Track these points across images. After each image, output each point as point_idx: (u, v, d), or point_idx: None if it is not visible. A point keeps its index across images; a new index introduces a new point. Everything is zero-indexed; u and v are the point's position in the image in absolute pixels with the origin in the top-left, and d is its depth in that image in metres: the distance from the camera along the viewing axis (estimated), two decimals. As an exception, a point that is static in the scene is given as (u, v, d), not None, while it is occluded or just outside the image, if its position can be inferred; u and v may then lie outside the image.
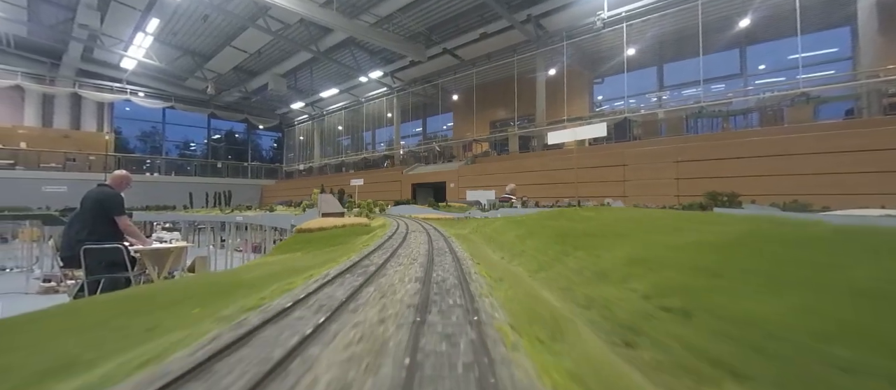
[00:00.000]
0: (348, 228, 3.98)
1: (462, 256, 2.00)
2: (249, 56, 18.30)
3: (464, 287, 1.24)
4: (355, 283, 1.31)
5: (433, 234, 3.15)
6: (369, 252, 2.14)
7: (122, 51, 17.05)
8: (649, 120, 12.07)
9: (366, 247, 2.47)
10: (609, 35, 13.11)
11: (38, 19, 14.79)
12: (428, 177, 16.85)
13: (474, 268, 1.64)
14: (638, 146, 11.05)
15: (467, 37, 15.02)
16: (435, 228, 3.79)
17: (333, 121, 25.48)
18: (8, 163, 16.28)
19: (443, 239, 2.81)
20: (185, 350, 0.76)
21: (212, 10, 13.83)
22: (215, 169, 25.85)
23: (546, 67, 14.71)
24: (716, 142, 9.71)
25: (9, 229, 12.33)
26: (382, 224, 4.39)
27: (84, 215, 4.18)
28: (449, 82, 18.70)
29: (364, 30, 13.89)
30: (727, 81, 14.63)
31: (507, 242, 2.53)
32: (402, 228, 3.64)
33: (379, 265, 1.68)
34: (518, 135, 15.42)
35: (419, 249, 2.25)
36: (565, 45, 13.49)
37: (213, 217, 8.02)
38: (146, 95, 21.58)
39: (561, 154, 12.86)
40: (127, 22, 14.94)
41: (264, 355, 0.72)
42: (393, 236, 2.99)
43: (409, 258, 1.94)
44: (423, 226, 4.12)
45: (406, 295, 1.17)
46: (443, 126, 22.88)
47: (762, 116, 11.01)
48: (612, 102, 16.92)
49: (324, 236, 3.46)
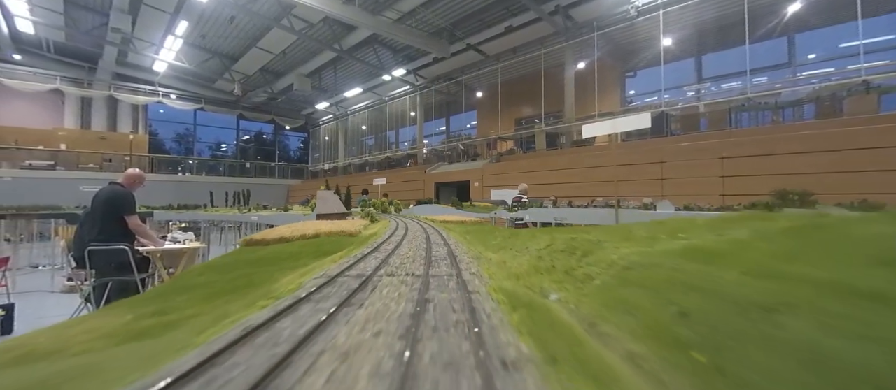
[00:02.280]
0: (322, 238, 3.09)
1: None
2: (275, 57, 18.45)
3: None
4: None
5: (439, 257, 1.99)
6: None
7: (154, 54, 17.51)
8: (688, 114, 11.27)
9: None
10: (643, 24, 12.37)
11: (74, 25, 15.32)
12: (451, 176, 16.49)
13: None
14: (677, 141, 10.32)
15: (492, 31, 14.56)
16: (445, 239, 2.76)
17: (357, 121, 25.58)
18: (49, 164, 16.99)
19: (454, 273, 1.58)
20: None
21: (237, 11, 13.94)
22: (244, 169, 26.42)
23: (575, 61, 14.05)
24: (765, 137, 8.91)
25: (50, 227, 12.76)
26: (373, 233, 3.49)
27: (94, 214, 4.02)
28: (473, 79, 18.28)
29: (387, 26, 13.66)
30: (772, 72, 13.58)
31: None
32: (395, 239, 2.80)
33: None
34: (545, 131, 14.81)
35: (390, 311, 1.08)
36: (596, 37, 12.82)
37: (231, 216, 7.94)
38: (178, 97, 22.17)
39: (591, 151, 12.25)
40: (157, 25, 15.27)
41: None
42: (362, 260, 1.95)
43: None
44: (429, 234, 3.15)
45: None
46: (466, 124, 22.50)
47: (818, 108, 10.05)
48: (643, 97, 16.09)
49: (266, 256, 2.49)
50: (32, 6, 13.17)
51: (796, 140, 8.19)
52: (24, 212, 8.66)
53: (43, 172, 15.43)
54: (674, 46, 12.76)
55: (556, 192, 10.87)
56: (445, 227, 4.07)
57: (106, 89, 19.47)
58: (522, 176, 11.84)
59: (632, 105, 15.80)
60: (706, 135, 10.47)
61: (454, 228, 4.02)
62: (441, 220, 4.98)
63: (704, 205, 4.13)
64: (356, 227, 3.64)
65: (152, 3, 13.86)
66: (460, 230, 3.82)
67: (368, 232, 3.62)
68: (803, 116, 10.63)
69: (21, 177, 15.20)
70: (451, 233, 3.47)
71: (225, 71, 20.18)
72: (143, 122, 22.70)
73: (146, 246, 4.19)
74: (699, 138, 10.13)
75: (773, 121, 10.57)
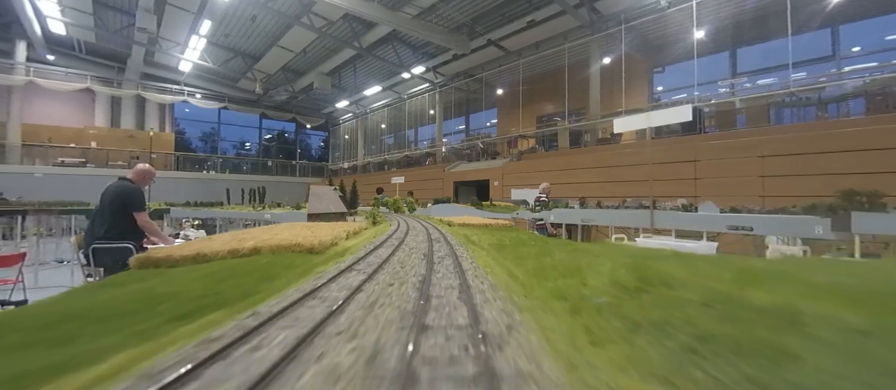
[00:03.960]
0: (260, 257, 2.06)
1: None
2: (296, 55, 18.54)
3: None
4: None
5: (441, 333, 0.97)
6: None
7: (179, 53, 17.84)
8: (724, 110, 10.62)
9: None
10: (674, 16, 11.76)
11: (104, 25, 15.72)
12: (470, 175, 16.19)
13: None
14: (712, 139, 9.73)
15: (513, 26, 14.16)
16: (458, 262, 1.88)
17: (376, 120, 25.60)
18: (80, 161, 17.52)
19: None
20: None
21: (259, 10, 13.98)
22: (266, 167, 26.80)
23: (600, 56, 13.52)
24: (810, 134, 8.26)
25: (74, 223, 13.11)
26: (348, 247, 2.48)
27: (103, 211, 3.91)
28: (493, 75, 17.90)
29: (406, 22, 13.45)
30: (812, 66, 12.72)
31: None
32: (374, 260, 1.97)
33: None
34: (568, 129, 14.31)
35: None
36: (623, 30, 12.27)
37: (244, 214, 7.88)
38: (202, 97, 22.59)
39: (617, 149, 11.74)
40: (182, 24, 15.51)
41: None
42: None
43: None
44: (433, 250, 2.26)
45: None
46: (486, 123, 22.15)
47: (868, 103, 9.29)
48: (672, 93, 15.38)
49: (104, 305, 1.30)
50: (63, 7, 13.53)
51: (847, 137, 7.54)
52: (44, 208, 8.82)
53: (72, 169, 15.91)
54: (707, 39, 12.10)
55: (580, 192, 10.42)
56: (465, 235, 3.12)
57: (134, 89, 19.98)
58: (544, 175, 11.44)
59: (659, 102, 15.12)
60: (744, 132, 9.84)
61: (477, 236, 3.15)
62: (461, 223, 4.24)
63: (755, 207, 3.70)
64: (329, 237, 2.53)
65: (176, 3, 14.06)
66: (488, 241, 2.83)
67: (345, 244, 2.64)
68: (850, 112, 9.87)
69: (51, 173, 15.71)
70: (472, 247, 2.47)
71: (248, 70, 20.44)
72: (169, 121, 23.26)
73: (156, 243, 4.06)
74: (736, 136, 9.52)
75: (817, 117, 9.83)
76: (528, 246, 2.57)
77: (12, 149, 16.43)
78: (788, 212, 3.54)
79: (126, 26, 15.69)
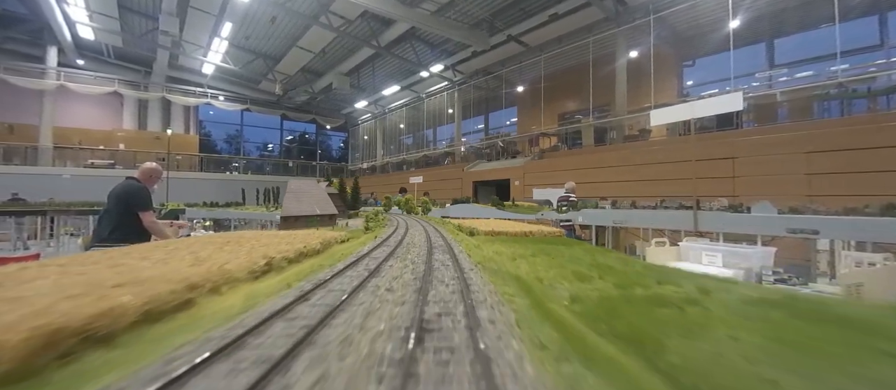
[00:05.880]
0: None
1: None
2: (315, 56, 18.56)
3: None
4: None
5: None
6: None
7: (201, 56, 18.12)
8: (763, 103, 9.92)
9: None
10: (707, 5, 11.10)
11: (129, 29, 16.07)
12: (490, 175, 15.81)
13: None
14: (751, 134, 9.08)
15: (535, 20, 13.71)
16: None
17: (395, 120, 25.52)
18: (108, 163, 17.99)
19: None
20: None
21: (278, 10, 13.98)
22: (287, 168, 27.09)
23: (627, 49, 12.91)
24: (863, 128, 7.56)
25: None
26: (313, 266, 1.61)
27: (110, 211, 3.76)
28: (513, 72, 17.46)
29: (425, 18, 13.20)
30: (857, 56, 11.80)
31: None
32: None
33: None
34: (593, 126, 13.74)
35: None
36: (651, 21, 11.67)
37: (257, 214, 7.75)
38: (225, 99, 22.94)
39: (647, 146, 11.17)
40: (204, 27, 15.68)
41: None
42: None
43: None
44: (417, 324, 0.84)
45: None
46: (506, 121, 21.69)
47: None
48: (703, 88, 14.60)
49: None
50: (91, 12, 13.85)
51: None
52: (61, 209, 8.94)
53: (100, 171, 16.32)
54: (743, 28, 11.38)
55: (606, 192, 9.93)
56: (496, 254, 1.95)
57: (160, 92, 20.42)
58: (567, 174, 10.97)
59: (687, 97, 14.37)
60: (786, 126, 9.14)
61: (526, 261, 1.80)
62: (488, 231, 3.17)
63: (820, 207, 3.23)
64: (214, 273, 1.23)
65: (198, 5, 14.20)
66: (559, 273, 1.53)
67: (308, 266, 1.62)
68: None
69: (79, 175, 16.15)
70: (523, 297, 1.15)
71: (268, 72, 20.62)
72: (194, 123, 23.76)
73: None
74: (778, 130, 8.84)
75: (869, 110, 9.06)
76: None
77: (44, 152, 16.98)
78: (861, 212, 3.07)
79: (150, 30, 15.99)
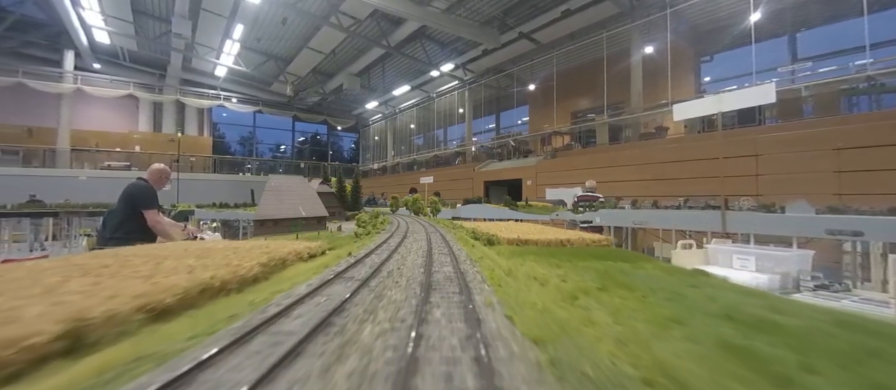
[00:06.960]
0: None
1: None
2: (325, 57, 18.58)
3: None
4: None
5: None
6: None
7: (214, 59, 18.27)
8: (787, 98, 9.51)
9: None
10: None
11: (144, 33, 16.27)
12: (502, 175, 15.61)
13: None
14: (775, 131, 8.73)
15: (546, 17, 13.47)
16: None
17: (405, 120, 25.48)
18: (124, 165, 18.24)
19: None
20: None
21: (288, 11, 13.99)
22: (299, 169, 27.24)
23: (642, 45, 12.59)
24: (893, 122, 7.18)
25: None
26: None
27: (116, 211, 3.73)
28: (525, 71, 17.22)
29: (435, 17, 13.06)
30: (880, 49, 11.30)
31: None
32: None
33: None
34: (608, 123, 13.43)
35: None
36: (668, 15, 11.35)
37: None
38: (238, 101, 23.12)
39: (664, 144, 10.86)
40: (216, 30, 15.79)
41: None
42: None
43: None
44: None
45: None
46: (517, 120, 21.44)
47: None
48: (721, 84, 14.16)
49: None
50: (106, 16, 14.04)
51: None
52: (75, 210, 9.01)
53: (115, 172, 16.53)
54: (764, 21, 10.98)
55: (621, 191, 9.65)
56: (540, 285, 1.37)
57: (174, 94, 20.67)
58: (581, 173, 10.72)
59: (703, 94, 13.96)
60: (813, 122, 8.76)
61: (587, 299, 1.17)
62: (510, 238, 2.60)
63: (863, 206, 2.99)
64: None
65: (210, 8, 14.29)
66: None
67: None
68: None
69: (95, 177, 16.38)
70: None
71: (280, 73, 20.73)
72: (207, 125, 24.01)
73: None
74: (804, 126, 8.48)
75: (902, 104, 8.63)
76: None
77: (62, 154, 17.29)
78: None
79: (164, 33, 16.16)
